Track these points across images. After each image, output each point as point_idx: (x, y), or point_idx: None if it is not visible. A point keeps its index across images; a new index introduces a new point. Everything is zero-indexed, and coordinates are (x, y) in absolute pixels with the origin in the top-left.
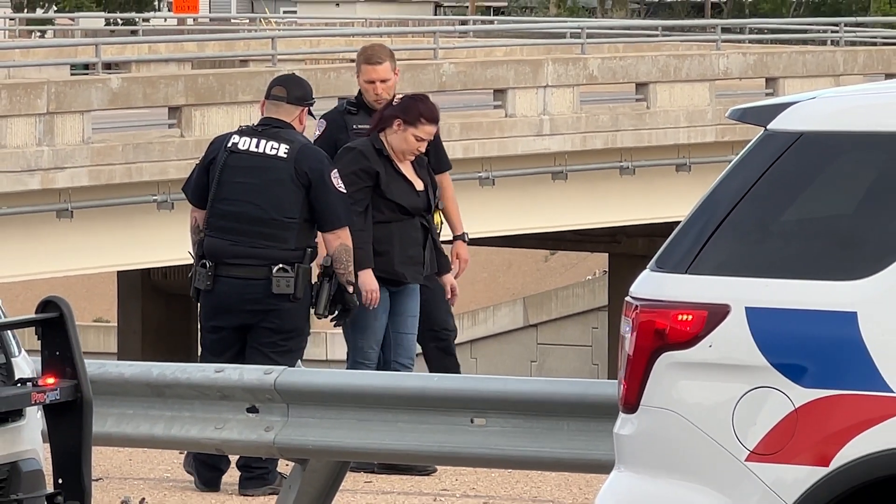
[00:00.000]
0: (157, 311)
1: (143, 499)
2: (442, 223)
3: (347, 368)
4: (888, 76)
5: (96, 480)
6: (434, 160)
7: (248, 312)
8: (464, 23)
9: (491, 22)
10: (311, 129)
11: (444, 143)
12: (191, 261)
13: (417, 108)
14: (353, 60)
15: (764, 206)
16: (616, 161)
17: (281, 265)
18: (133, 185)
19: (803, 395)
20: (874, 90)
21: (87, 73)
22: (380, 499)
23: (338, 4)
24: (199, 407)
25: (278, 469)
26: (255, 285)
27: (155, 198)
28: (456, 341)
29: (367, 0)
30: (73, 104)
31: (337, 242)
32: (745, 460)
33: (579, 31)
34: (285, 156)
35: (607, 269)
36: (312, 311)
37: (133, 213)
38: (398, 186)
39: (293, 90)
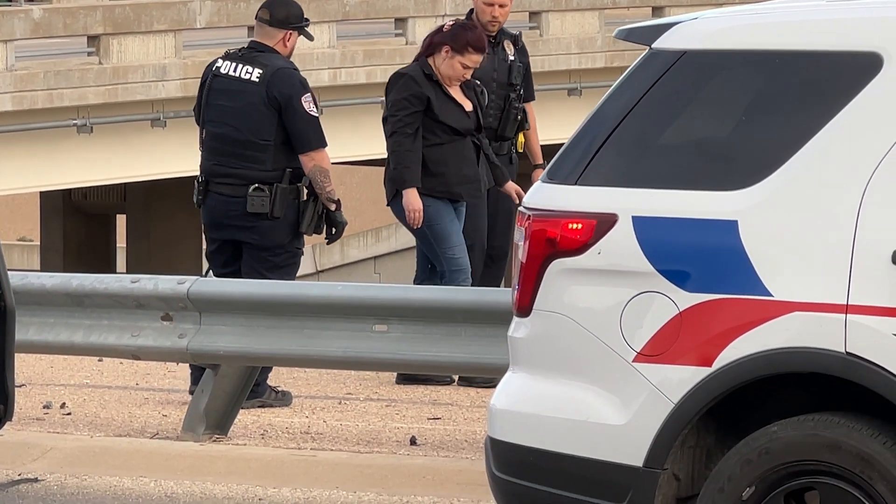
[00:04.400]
0: (78, 230)
1: (64, 403)
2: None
3: (444, 281)
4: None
5: (19, 386)
6: (525, 90)
7: (232, 227)
8: None
9: None
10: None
11: (346, 70)
12: (108, 182)
13: (466, 37)
14: None
15: (649, 120)
16: None
17: (257, 185)
18: (54, 110)
19: (687, 299)
20: (754, 10)
21: (9, 4)
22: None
23: None
24: (116, 315)
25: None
26: (235, 203)
27: (74, 122)
28: (359, 258)
29: None
30: None
31: (311, 164)
32: (633, 361)
33: None
34: (257, 80)
35: None
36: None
37: (54, 136)
38: (449, 109)
39: (276, 12)
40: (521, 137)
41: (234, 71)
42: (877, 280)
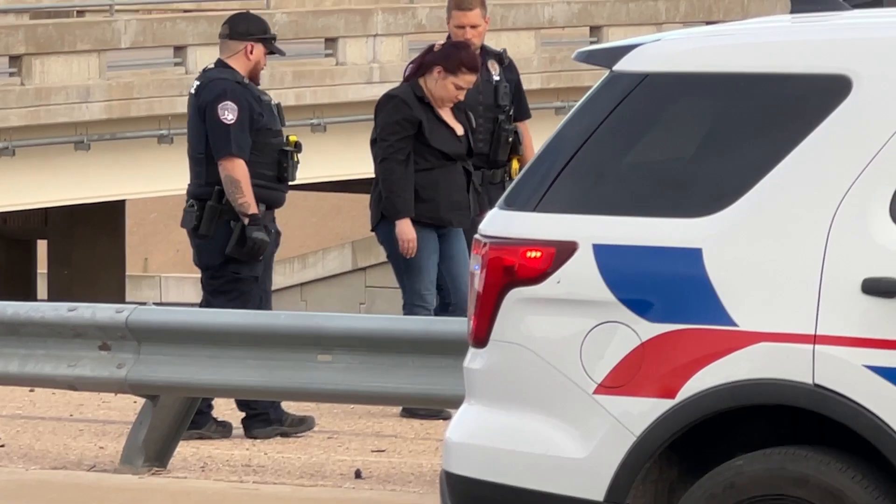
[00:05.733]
0: None
1: None
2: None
3: (405, 313)
4: (708, 23)
5: None
6: (517, 109)
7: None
8: None
9: None
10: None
11: (275, 91)
12: (29, 207)
13: (459, 57)
14: (186, 11)
15: (610, 145)
16: None
17: (191, 201)
18: None
19: (650, 329)
20: (717, 32)
21: None
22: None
23: None
24: (53, 345)
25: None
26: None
27: None
28: (285, 285)
29: None
30: None
31: (222, 174)
32: (593, 393)
33: None
34: (194, 92)
35: None
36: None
37: None
38: (440, 133)
39: (237, 25)
40: (514, 164)
41: (193, 87)
42: (846, 309)
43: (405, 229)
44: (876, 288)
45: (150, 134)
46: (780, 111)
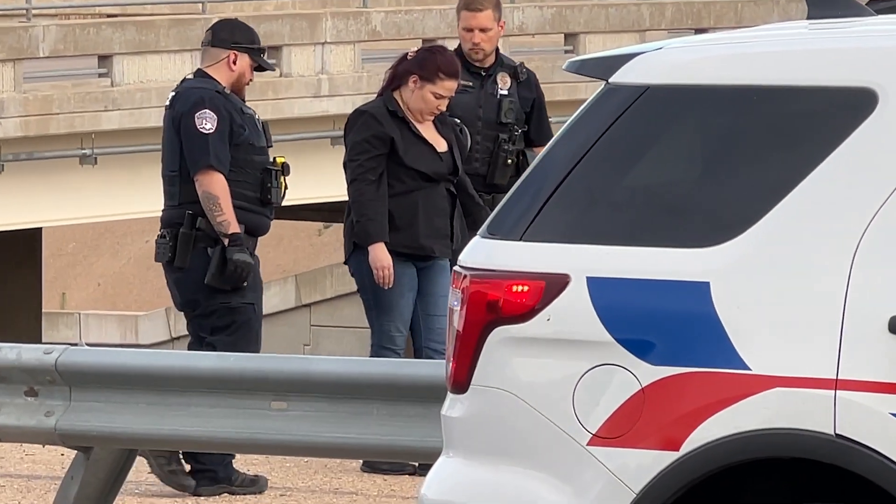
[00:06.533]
0: None
1: None
2: None
3: (372, 355)
4: (697, 31)
5: None
6: (535, 131)
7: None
8: None
9: None
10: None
11: None
12: None
13: (435, 62)
14: (110, 15)
15: (606, 166)
16: None
17: (163, 231)
18: None
19: (651, 372)
20: (726, 40)
21: None
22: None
23: None
24: None
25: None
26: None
27: None
28: None
29: None
30: None
31: (199, 190)
32: (587, 444)
33: None
34: (169, 103)
35: None
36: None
37: None
38: (417, 151)
39: (220, 31)
40: None
41: (168, 99)
42: (871, 351)
43: (379, 255)
44: None
45: (71, 154)
46: (798, 128)
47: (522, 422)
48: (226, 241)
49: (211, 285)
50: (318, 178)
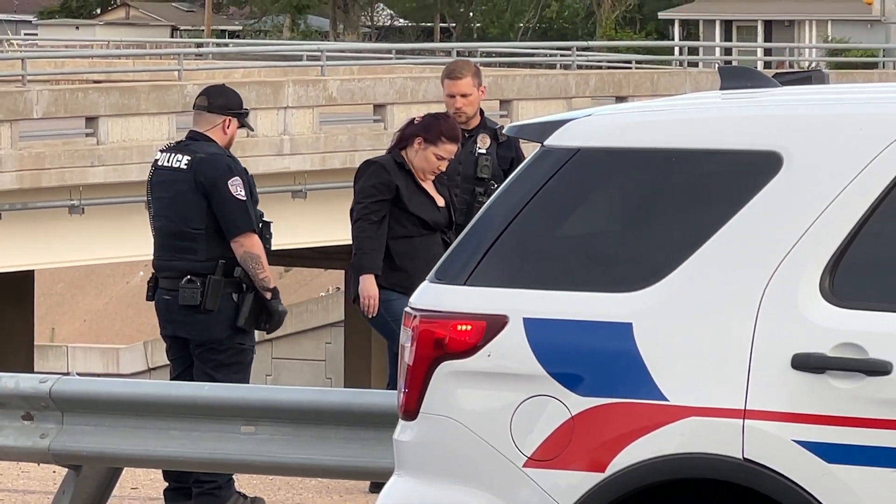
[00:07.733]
0: None
1: None
2: None
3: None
4: (618, 99)
5: None
6: None
7: (173, 324)
8: (199, 45)
9: (226, 45)
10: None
11: None
12: None
13: (439, 127)
14: (97, 81)
15: (541, 219)
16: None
17: (189, 276)
18: None
19: (580, 403)
20: (648, 108)
21: None
22: None
23: (77, 27)
24: None
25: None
26: (171, 297)
27: None
28: None
29: (105, 24)
30: None
31: (241, 251)
32: (523, 466)
33: (318, 53)
34: (186, 167)
35: (342, 286)
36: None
37: None
38: (419, 201)
39: (215, 99)
40: None
41: (168, 161)
42: (776, 385)
43: (367, 286)
44: (806, 364)
45: (61, 204)
46: (711, 187)
47: (466, 446)
48: (268, 295)
49: (237, 327)
50: (280, 227)
